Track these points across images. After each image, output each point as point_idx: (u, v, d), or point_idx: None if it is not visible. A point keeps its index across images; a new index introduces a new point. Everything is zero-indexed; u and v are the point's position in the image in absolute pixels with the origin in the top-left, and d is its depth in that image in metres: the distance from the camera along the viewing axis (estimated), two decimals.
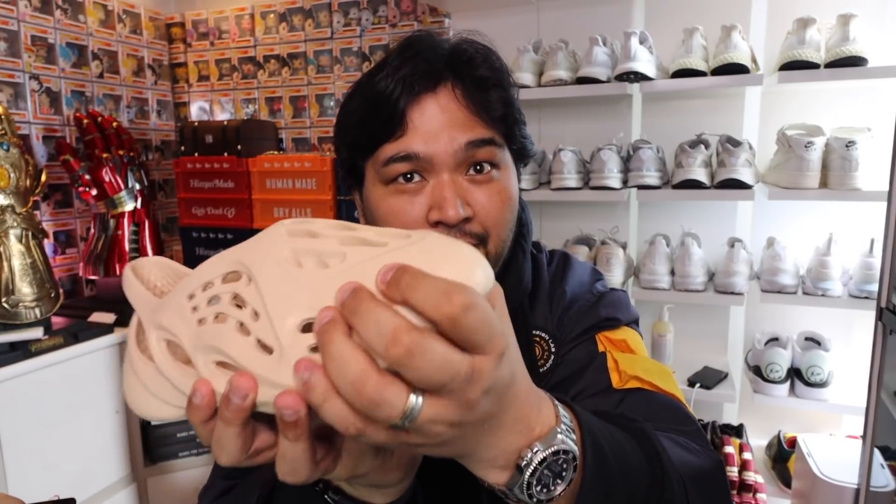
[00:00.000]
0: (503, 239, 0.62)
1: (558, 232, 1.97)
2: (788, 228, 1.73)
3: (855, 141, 1.43)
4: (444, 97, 0.58)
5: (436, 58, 0.58)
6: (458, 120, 0.58)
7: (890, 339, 1.23)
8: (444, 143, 0.57)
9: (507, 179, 0.62)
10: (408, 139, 0.57)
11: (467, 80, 0.58)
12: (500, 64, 0.61)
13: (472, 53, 0.60)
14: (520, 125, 0.63)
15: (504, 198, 0.61)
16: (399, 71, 0.57)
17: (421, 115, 0.57)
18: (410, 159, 0.57)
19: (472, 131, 0.58)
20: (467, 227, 0.59)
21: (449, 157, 0.57)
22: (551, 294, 0.70)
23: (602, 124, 1.87)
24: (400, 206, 0.59)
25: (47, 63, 1.98)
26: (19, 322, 1.56)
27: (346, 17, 2.23)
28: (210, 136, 2.06)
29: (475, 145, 0.58)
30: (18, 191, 1.60)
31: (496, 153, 0.60)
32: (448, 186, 0.57)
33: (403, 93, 0.57)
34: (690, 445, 0.53)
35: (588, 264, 0.76)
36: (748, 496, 1.60)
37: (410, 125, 0.57)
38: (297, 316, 0.32)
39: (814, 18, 1.47)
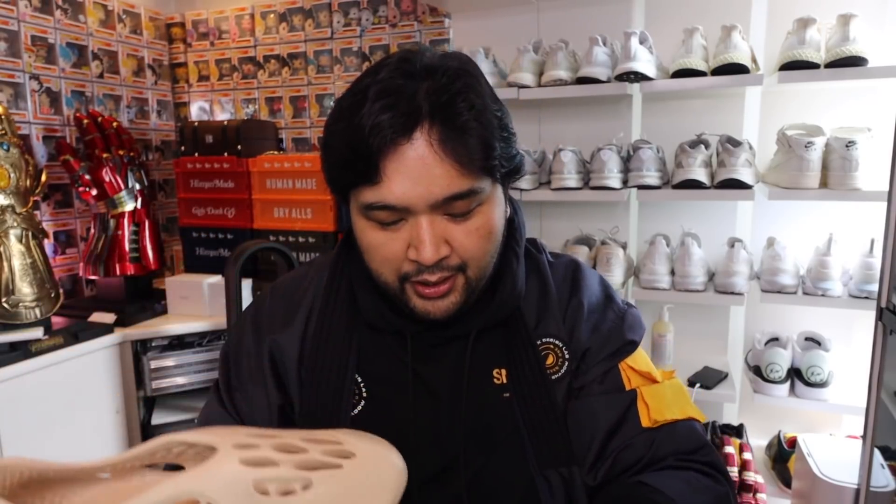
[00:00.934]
0: (482, 266, 0.62)
1: (558, 232, 1.97)
2: (788, 228, 1.73)
3: (855, 141, 1.43)
4: (421, 145, 0.55)
5: (415, 100, 0.55)
6: (434, 172, 0.55)
7: (890, 339, 1.23)
8: (420, 194, 0.56)
9: (490, 212, 0.61)
10: (384, 188, 0.56)
11: (446, 128, 0.55)
12: (478, 97, 0.57)
13: (453, 94, 0.56)
14: (505, 152, 0.60)
15: (483, 233, 0.60)
16: (378, 115, 0.54)
17: (398, 164, 0.55)
18: (388, 209, 0.57)
19: (448, 186, 0.56)
20: (445, 262, 0.59)
21: (426, 205, 0.57)
22: (566, 304, 0.70)
23: (602, 124, 1.87)
24: (380, 242, 0.60)
25: (47, 63, 1.98)
26: (19, 322, 1.56)
27: (346, 17, 2.23)
28: (210, 136, 2.06)
29: (452, 199, 0.57)
30: (18, 191, 1.60)
31: (476, 199, 0.58)
32: (426, 229, 0.57)
33: (378, 140, 0.54)
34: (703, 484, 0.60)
35: (594, 272, 0.76)
36: (748, 496, 1.59)
37: (385, 175, 0.55)
38: None
39: (814, 18, 1.47)
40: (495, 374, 0.67)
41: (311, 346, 0.68)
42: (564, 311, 0.70)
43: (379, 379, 0.67)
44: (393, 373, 0.67)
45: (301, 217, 1.98)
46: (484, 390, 0.66)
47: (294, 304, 0.72)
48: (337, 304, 0.69)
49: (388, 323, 0.67)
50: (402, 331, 0.67)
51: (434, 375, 0.67)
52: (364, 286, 0.68)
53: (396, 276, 0.61)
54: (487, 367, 0.67)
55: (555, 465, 0.64)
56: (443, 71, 0.57)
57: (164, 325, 1.82)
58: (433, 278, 0.59)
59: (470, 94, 0.57)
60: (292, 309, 0.71)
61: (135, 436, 1.77)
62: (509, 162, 0.61)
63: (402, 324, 0.66)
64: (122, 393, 1.77)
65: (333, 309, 0.69)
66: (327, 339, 0.68)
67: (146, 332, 1.80)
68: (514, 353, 0.66)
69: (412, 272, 0.60)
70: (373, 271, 0.63)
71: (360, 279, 0.68)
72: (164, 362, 1.82)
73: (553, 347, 0.67)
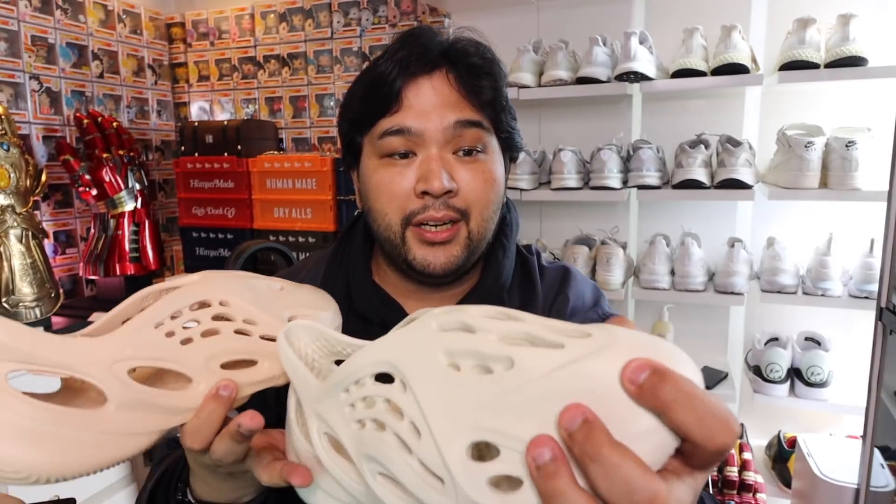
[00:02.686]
0: (485, 219, 0.65)
1: (558, 232, 1.97)
2: (788, 228, 1.73)
3: (855, 141, 1.43)
4: (437, 80, 0.63)
5: (433, 45, 0.63)
6: (450, 101, 0.62)
7: (890, 339, 1.23)
8: (434, 120, 0.61)
9: (493, 163, 0.65)
10: (402, 115, 0.62)
11: (461, 67, 0.63)
12: (492, 56, 0.66)
13: (467, 45, 0.65)
14: (508, 114, 0.67)
15: (488, 178, 0.64)
16: (397, 53, 0.62)
17: (416, 93, 0.62)
18: (403, 133, 0.61)
19: (461, 112, 0.62)
20: (451, 200, 0.62)
21: (439, 133, 0.61)
22: (553, 299, 0.72)
23: (602, 124, 1.87)
24: (391, 178, 0.63)
25: (47, 63, 1.98)
26: (19, 322, 1.56)
27: (346, 17, 2.23)
28: (210, 136, 2.06)
29: (463, 125, 0.62)
30: (18, 191, 1.60)
31: (483, 136, 0.64)
32: (436, 160, 0.61)
33: (400, 73, 0.61)
34: None
35: (590, 281, 0.78)
36: (748, 496, 1.60)
37: (405, 102, 0.62)
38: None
39: (814, 18, 1.47)
40: None
41: None
42: (549, 309, 0.71)
43: None
44: None
45: (301, 217, 1.98)
46: None
47: None
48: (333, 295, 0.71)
49: (377, 314, 0.68)
50: (389, 322, 0.68)
51: None
52: (358, 279, 0.70)
53: (401, 215, 0.63)
54: None
55: None
56: (459, 35, 0.66)
57: None
58: (438, 214, 0.62)
59: (482, 49, 0.65)
60: None
61: None
62: (511, 129, 0.67)
63: (390, 315, 0.68)
64: None
65: None
66: None
67: None
68: None
69: (418, 209, 0.62)
70: (378, 214, 0.65)
71: (357, 272, 0.70)
72: None
73: None
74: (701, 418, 0.25)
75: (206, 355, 0.42)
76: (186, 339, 0.42)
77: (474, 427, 0.28)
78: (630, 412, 0.26)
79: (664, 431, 0.26)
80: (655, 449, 0.26)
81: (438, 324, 0.32)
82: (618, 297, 1.68)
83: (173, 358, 0.41)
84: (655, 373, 0.25)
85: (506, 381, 0.27)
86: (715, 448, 0.25)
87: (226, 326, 0.44)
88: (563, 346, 0.27)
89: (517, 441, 0.26)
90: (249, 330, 0.44)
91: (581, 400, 0.26)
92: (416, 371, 0.31)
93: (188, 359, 0.42)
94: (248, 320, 0.45)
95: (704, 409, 0.25)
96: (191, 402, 0.41)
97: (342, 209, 1.93)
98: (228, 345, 0.43)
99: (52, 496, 1.08)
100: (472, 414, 0.28)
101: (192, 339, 0.42)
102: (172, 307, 0.42)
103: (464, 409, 0.28)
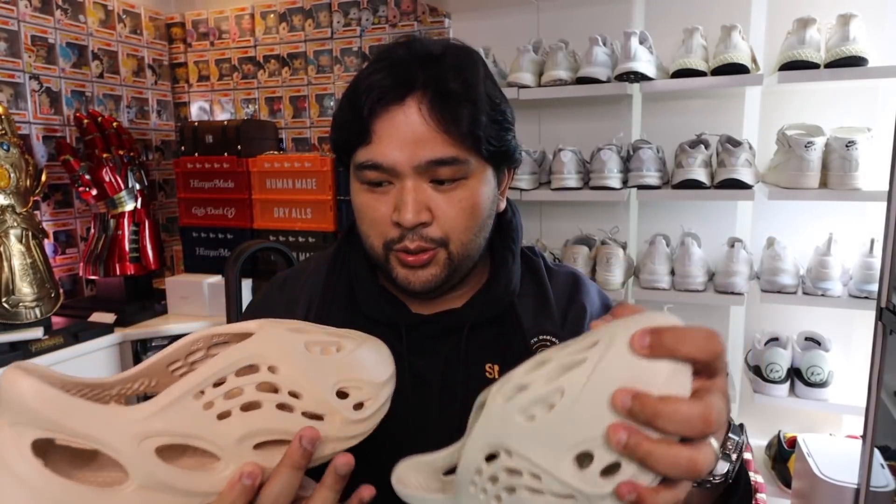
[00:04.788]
0: (465, 243, 0.64)
1: (558, 232, 1.97)
2: (788, 228, 1.73)
3: (855, 141, 1.43)
4: (410, 110, 0.59)
5: (407, 67, 0.60)
6: (421, 136, 0.59)
7: (890, 339, 1.23)
8: (406, 157, 0.59)
9: (475, 188, 0.63)
10: (374, 147, 0.60)
11: (435, 94, 0.59)
12: (474, 77, 0.61)
13: (448, 66, 0.60)
14: (493, 132, 0.62)
15: (465, 206, 0.62)
16: (371, 78, 0.60)
17: (388, 126, 0.59)
18: (377, 168, 0.60)
19: (433, 150, 0.59)
20: (425, 231, 0.61)
21: (411, 169, 0.60)
22: (567, 309, 0.72)
23: (602, 124, 1.87)
24: (370, 204, 0.63)
25: (47, 63, 1.98)
26: (19, 322, 1.56)
27: (346, 17, 2.23)
28: (210, 136, 2.06)
29: (436, 164, 0.60)
30: (18, 191, 1.60)
31: (460, 168, 0.61)
32: (409, 192, 0.60)
33: (372, 103, 0.59)
34: None
35: (594, 283, 0.79)
36: None
37: (375, 136, 0.60)
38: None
39: (814, 18, 1.47)
40: (487, 369, 0.68)
41: None
42: (564, 315, 0.71)
43: None
44: None
45: (301, 217, 1.98)
46: (475, 383, 0.68)
47: (294, 296, 0.73)
48: (336, 296, 0.71)
49: (385, 314, 0.68)
50: (398, 323, 0.68)
51: (427, 367, 0.68)
52: (362, 280, 0.70)
53: (382, 241, 0.64)
54: (480, 362, 0.68)
55: None
56: (442, 49, 0.62)
57: (164, 325, 1.82)
58: (412, 245, 0.62)
59: (463, 71, 0.60)
60: (293, 300, 0.73)
61: None
62: (500, 143, 0.63)
63: (399, 316, 0.68)
64: None
65: (332, 301, 0.71)
66: None
67: (146, 332, 1.80)
68: (508, 350, 0.68)
69: (395, 238, 0.62)
70: (363, 235, 0.66)
71: (359, 272, 0.70)
72: None
73: (550, 345, 0.69)
74: (695, 342, 0.34)
75: (241, 433, 0.41)
76: (224, 413, 0.40)
77: (568, 448, 0.36)
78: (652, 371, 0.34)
79: (679, 366, 0.34)
80: (682, 383, 0.34)
81: (503, 397, 0.39)
82: (618, 297, 1.68)
83: (207, 435, 0.40)
84: (652, 332, 0.34)
85: (564, 406, 0.36)
86: (714, 355, 0.35)
87: (269, 400, 0.42)
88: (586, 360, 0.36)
89: (599, 439, 0.35)
90: (293, 405, 0.42)
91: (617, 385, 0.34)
92: (512, 438, 0.38)
93: (222, 436, 0.40)
94: (293, 392, 0.43)
95: (694, 336, 0.34)
96: (214, 485, 0.40)
97: (342, 209, 1.93)
98: (267, 423, 0.41)
99: None
100: (562, 440, 0.36)
101: (231, 412, 0.40)
102: (219, 372, 0.40)
103: (554, 440, 0.36)
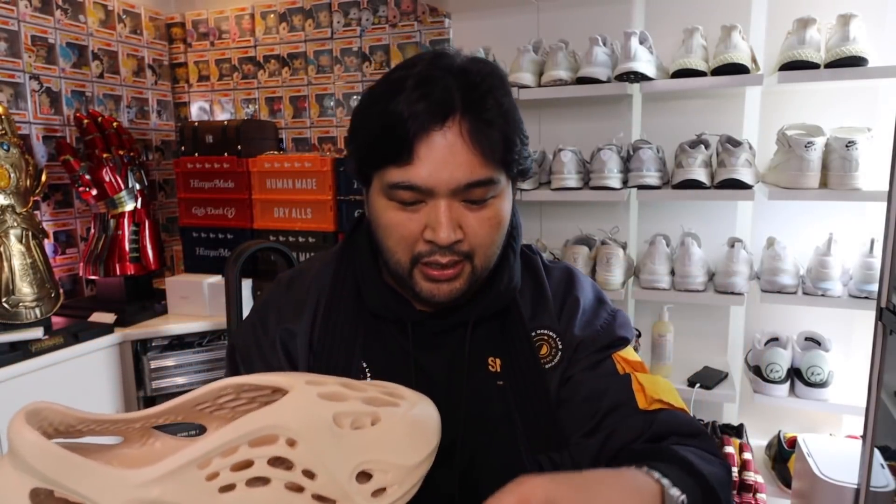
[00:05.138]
0: (488, 256, 0.67)
1: (558, 232, 1.97)
2: (788, 228, 1.73)
3: (855, 141, 1.43)
4: (451, 133, 0.60)
5: (450, 93, 0.61)
6: (462, 159, 0.61)
7: (890, 339, 1.23)
8: (445, 179, 0.61)
9: (501, 205, 0.66)
10: (412, 169, 0.61)
11: (475, 120, 0.61)
12: (506, 100, 0.64)
13: (484, 91, 0.62)
14: (521, 152, 0.66)
15: (494, 223, 0.65)
16: (415, 103, 0.60)
17: (428, 148, 0.60)
18: (413, 189, 0.61)
19: (472, 173, 0.61)
20: (456, 246, 0.63)
21: (448, 190, 0.61)
22: (562, 302, 0.75)
23: (602, 124, 1.87)
24: (399, 221, 0.64)
25: (47, 63, 1.98)
26: (19, 322, 1.56)
27: (346, 17, 2.23)
28: (210, 136, 2.06)
29: (473, 185, 0.62)
30: (18, 191, 1.60)
31: (492, 189, 0.63)
32: (444, 212, 0.62)
33: (414, 125, 0.59)
34: (708, 457, 0.61)
35: (588, 278, 0.81)
36: (748, 496, 1.59)
37: (416, 157, 0.60)
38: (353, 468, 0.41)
39: (814, 18, 1.47)
40: (490, 363, 0.71)
41: (320, 335, 0.72)
42: (560, 308, 0.74)
43: (382, 365, 0.71)
44: (395, 360, 0.71)
45: (301, 217, 1.98)
46: (479, 377, 0.70)
47: (301, 295, 0.75)
48: (343, 296, 0.73)
49: (391, 312, 0.70)
50: (404, 319, 0.70)
51: (432, 362, 0.70)
52: (368, 279, 0.72)
53: (409, 255, 0.65)
54: (483, 356, 0.71)
55: (546, 450, 0.67)
56: (476, 70, 0.63)
57: (164, 325, 1.82)
58: (444, 260, 0.63)
59: (498, 94, 0.63)
60: (300, 300, 0.74)
61: None
62: (524, 161, 0.67)
63: (404, 312, 0.70)
64: (122, 393, 1.77)
65: (339, 300, 0.73)
66: (335, 329, 0.72)
67: (146, 332, 1.80)
68: (510, 343, 0.71)
69: (425, 252, 0.64)
70: (387, 250, 0.66)
71: (364, 272, 0.72)
72: (164, 362, 1.82)
73: (547, 338, 0.72)
74: None
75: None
76: (228, 486, 0.38)
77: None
78: None
79: None
80: None
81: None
82: (618, 297, 1.68)
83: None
84: None
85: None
86: None
87: (279, 477, 0.39)
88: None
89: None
90: (304, 485, 0.39)
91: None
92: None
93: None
94: (308, 471, 0.39)
95: None
96: None
97: (342, 209, 1.93)
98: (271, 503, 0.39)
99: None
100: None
101: (236, 486, 0.38)
102: (233, 441, 0.38)
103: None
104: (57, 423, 0.40)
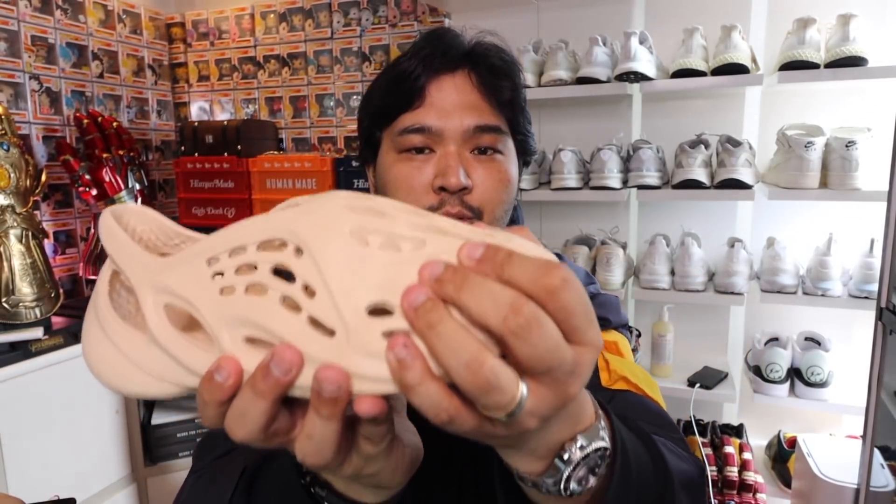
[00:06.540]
0: (497, 217, 0.66)
1: (558, 232, 1.97)
2: (788, 228, 1.73)
3: (855, 141, 1.43)
4: (460, 79, 0.64)
5: (456, 45, 0.66)
6: (470, 102, 0.64)
7: (890, 339, 1.23)
8: (455, 121, 0.63)
9: (508, 164, 0.67)
10: (423, 112, 0.63)
11: (482, 68, 0.65)
12: (511, 58, 0.68)
13: (489, 46, 0.67)
14: (524, 117, 0.68)
15: (503, 178, 0.65)
16: (422, 51, 0.64)
17: (438, 91, 0.64)
18: (423, 132, 0.63)
19: (481, 116, 0.64)
20: (465, 197, 0.64)
21: (458, 134, 0.63)
22: None
23: (602, 124, 1.87)
24: (408, 173, 0.65)
25: (47, 63, 1.98)
26: (19, 322, 1.56)
27: (346, 17, 2.23)
28: (210, 136, 2.06)
29: (482, 130, 0.64)
30: (18, 191, 1.60)
31: (500, 139, 0.65)
32: (453, 156, 0.63)
33: (424, 69, 0.63)
34: (678, 451, 0.53)
35: (581, 268, 0.82)
36: (748, 496, 1.60)
37: (427, 99, 0.63)
38: (366, 297, 0.29)
39: (814, 18, 1.47)
40: None
41: None
42: None
43: None
44: None
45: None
46: None
47: None
48: None
49: None
50: None
51: None
52: None
53: None
54: None
55: None
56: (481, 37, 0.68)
57: None
58: (454, 210, 0.63)
59: (503, 51, 0.67)
60: None
61: (135, 436, 1.77)
62: (526, 132, 0.69)
63: None
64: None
65: None
66: None
67: None
68: None
69: (435, 205, 0.64)
70: None
71: None
72: None
73: None
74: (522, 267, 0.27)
75: (234, 317, 0.32)
76: (228, 289, 0.33)
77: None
78: None
79: None
80: None
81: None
82: (617, 297, 1.68)
83: (205, 308, 0.33)
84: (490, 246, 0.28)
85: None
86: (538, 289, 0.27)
87: (276, 288, 0.32)
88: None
89: None
90: (302, 303, 0.31)
91: None
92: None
93: (217, 314, 0.33)
94: (309, 287, 0.31)
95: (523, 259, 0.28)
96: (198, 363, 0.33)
97: None
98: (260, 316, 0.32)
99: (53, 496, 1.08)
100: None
101: (235, 289, 0.33)
102: (243, 238, 0.34)
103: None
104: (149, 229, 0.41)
